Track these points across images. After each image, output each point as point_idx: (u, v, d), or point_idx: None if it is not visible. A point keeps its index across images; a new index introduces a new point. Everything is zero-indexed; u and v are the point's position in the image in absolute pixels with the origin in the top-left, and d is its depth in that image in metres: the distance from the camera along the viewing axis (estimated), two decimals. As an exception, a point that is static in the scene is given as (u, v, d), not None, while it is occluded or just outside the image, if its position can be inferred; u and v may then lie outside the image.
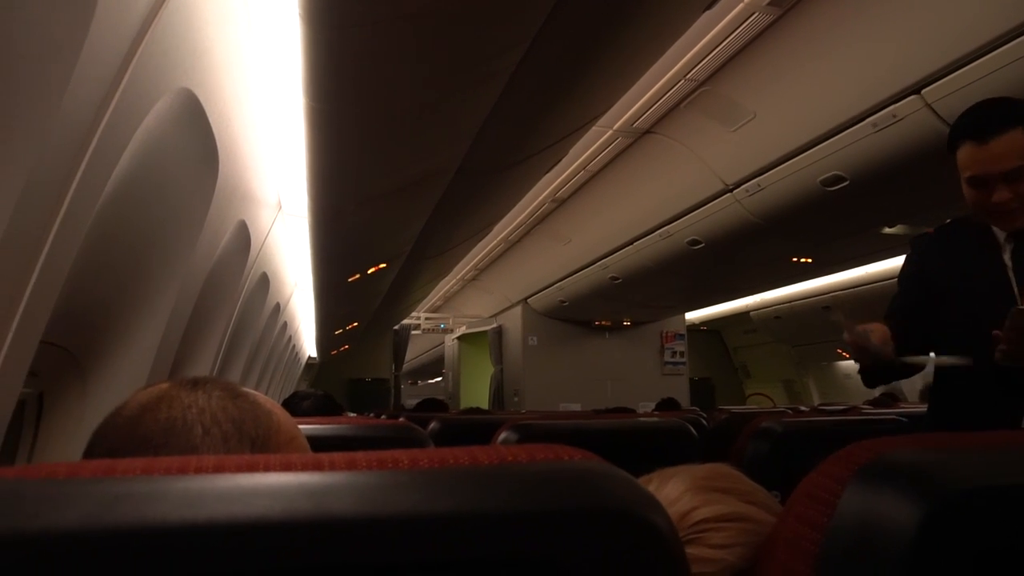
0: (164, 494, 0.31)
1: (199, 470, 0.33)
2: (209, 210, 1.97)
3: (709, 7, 2.25)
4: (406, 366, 10.60)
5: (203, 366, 2.91)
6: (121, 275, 1.81)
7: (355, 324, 7.34)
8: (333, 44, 1.36)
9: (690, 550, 0.63)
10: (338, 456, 0.36)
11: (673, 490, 0.68)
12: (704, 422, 2.90)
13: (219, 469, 0.34)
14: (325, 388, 2.65)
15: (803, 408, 5.05)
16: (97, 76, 1.12)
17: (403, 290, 6.09)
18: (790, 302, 7.75)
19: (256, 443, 0.59)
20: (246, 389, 0.65)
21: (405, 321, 9.29)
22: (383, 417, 3.59)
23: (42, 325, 1.24)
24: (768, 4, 2.80)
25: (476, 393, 9.72)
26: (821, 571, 0.43)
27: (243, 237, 2.63)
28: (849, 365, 8.84)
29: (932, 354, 1.56)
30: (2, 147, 1.00)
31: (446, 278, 7.80)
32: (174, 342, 2.16)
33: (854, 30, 2.80)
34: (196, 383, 0.62)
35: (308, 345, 9.77)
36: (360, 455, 0.36)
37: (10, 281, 1.09)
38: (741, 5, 2.80)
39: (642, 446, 1.66)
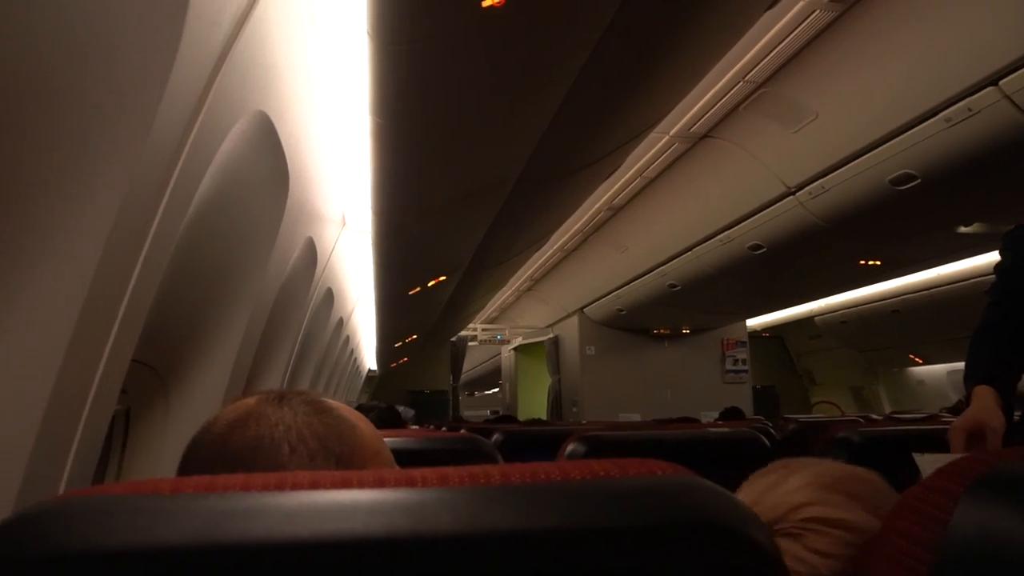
0: (266, 510, 0.32)
1: (295, 486, 0.34)
2: (280, 228, 2.04)
3: (771, 6, 2.21)
4: (463, 377, 10.67)
5: (274, 380, 3.00)
6: (200, 294, 1.89)
7: (414, 337, 7.44)
8: (400, 60, 1.40)
9: (786, 544, 0.61)
10: (429, 472, 0.36)
11: (798, 480, 0.66)
12: (772, 432, 2.82)
13: (314, 485, 0.34)
14: (385, 400, 2.69)
15: (875, 416, 4.87)
16: (183, 101, 1.17)
17: (461, 302, 6.14)
18: (857, 306, 7.48)
19: (341, 459, 0.59)
20: (331, 402, 0.65)
21: (462, 333, 9.36)
22: (443, 429, 3.62)
23: (133, 345, 1.30)
24: (829, 0, 2.73)
25: (534, 404, 9.71)
26: (936, 594, 0.41)
27: (310, 254, 2.71)
28: (922, 371, 8.48)
29: None
30: (98, 176, 1.06)
31: (502, 289, 7.84)
32: (249, 357, 2.23)
33: (922, 22, 2.71)
34: (282, 398, 0.63)
35: (368, 358, 9.94)
36: (451, 470, 0.37)
37: (106, 304, 1.15)
38: (802, 3, 2.74)
39: (712, 457, 1.62)
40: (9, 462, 1.03)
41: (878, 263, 4.90)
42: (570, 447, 1.53)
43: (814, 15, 2.83)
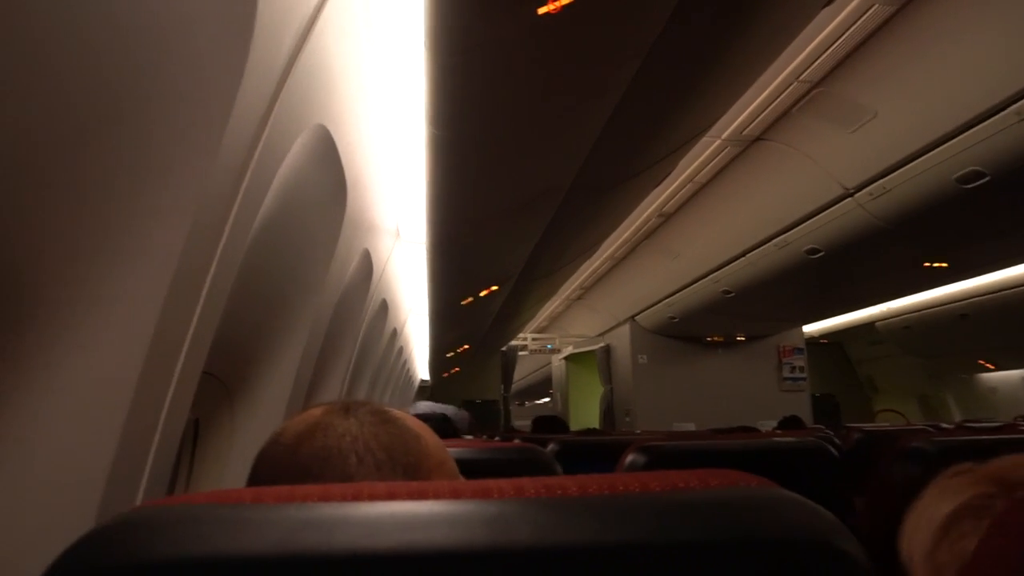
0: (346, 521, 0.32)
1: (372, 497, 0.34)
2: (338, 241, 2.08)
3: (828, 3, 2.16)
4: (514, 387, 10.67)
5: (333, 390, 3.05)
6: (263, 306, 1.94)
7: (466, 346, 7.48)
8: (456, 69, 1.41)
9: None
10: (504, 483, 0.36)
11: None
12: (836, 441, 2.72)
13: (391, 496, 0.35)
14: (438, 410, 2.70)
15: (945, 426, 4.67)
16: (249, 116, 1.20)
17: (512, 311, 6.15)
18: (921, 310, 7.21)
19: (408, 470, 0.60)
20: (395, 412, 0.66)
21: (513, 342, 9.37)
22: (496, 439, 3.62)
23: (204, 357, 1.34)
24: (889, -5, 2.66)
25: (585, 413, 9.64)
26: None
27: (366, 266, 2.75)
28: (994, 377, 8.11)
29: None
30: (173, 191, 1.09)
31: (552, 298, 7.82)
32: (310, 368, 2.27)
33: (988, 13, 2.60)
34: (348, 408, 0.64)
35: (420, 368, 10.03)
36: (527, 481, 0.36)
37: (180, 317, 1.19)
38: None
39: (777, 468, 1.57)
40: (92, 471, 1.06)
41: (944, 265, 4.72)
42: (629, 457, 1.51)
43: (872, 10, 2.76)
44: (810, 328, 8.67)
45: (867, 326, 8.34)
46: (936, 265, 4.71)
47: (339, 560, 0.31)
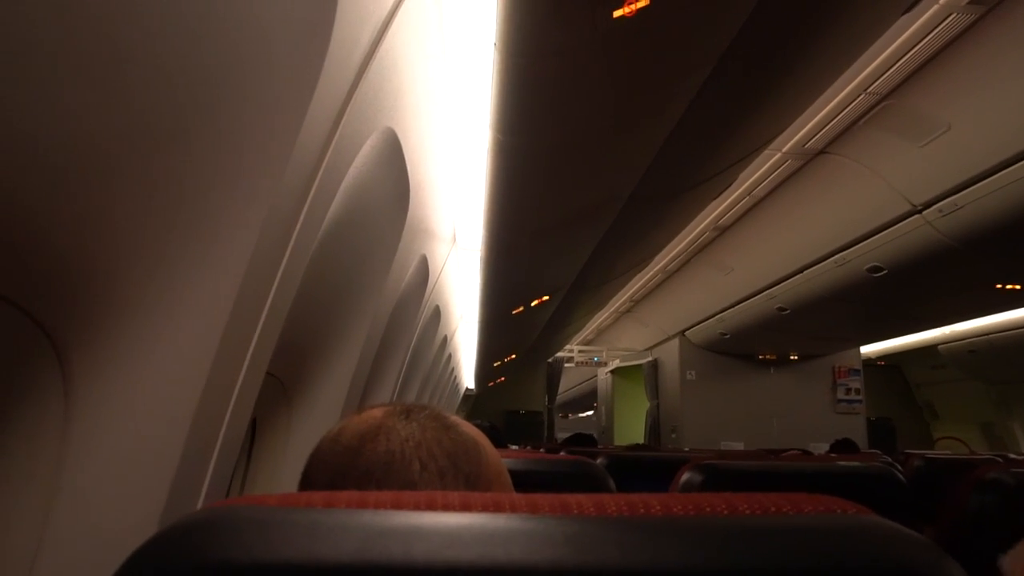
0: (422, 532, 0.31)
1: (446, 507, 0.34)
2: (399, 245, 2.09)
3: (908, 10, 2.09)
4: (558, 399, 10.62)
5: (385, 394, 3.07)
6: (325, 308, 1.96)
7: (513, 356, 7.48)
8: (526, 72, 1.40)
9: None
10: (584, 498, 0.35)
11: None
12: (899, 468, 2.61)
13: (466, 507, 0.34)
14: (483, 420, 2.70)
15: (1014, 456, 4.45)
16: (322, 118, 1.21)
17: (561, 322, 6.13)
18: (989, 334, 6.91)
19: (470, 479, 0.59)
20: (454, 417, 0.65)
21: (559, 354, 9.33)
22: (541, 450, 3.59)
23: (268, 357, 1.35)
24: (968, 3, 2.56)
25: (630, 428, 9.53)
26: None
27: (423, 271, 2.77)
28: (1065, 406, 7.71)
29: None
30: (242, 195, 1.11)
31: (601, 309, 7.77)
32: (366, 371, 2.29)
33: (1075, 25, 2.49)
34: (409, 412, 0.63)
35: (466, 376, 10.06)
36: (607, 498, 0.35)
37: (248, 317, 1.20)
38: (936, 7, 2.58)
39: (840, 492, 1.51)
40: (159, 465, 1.08)
41: (1018, 287, 4.51)
42: (686, 475, 1.47)
43: (950, 19, 2.66)
44: (867, 349, 8.41)
45: (928, 349, 8.03)
46: (1009, 287, 4.51)
47: (417, 571, 0.30)
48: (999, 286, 4.53)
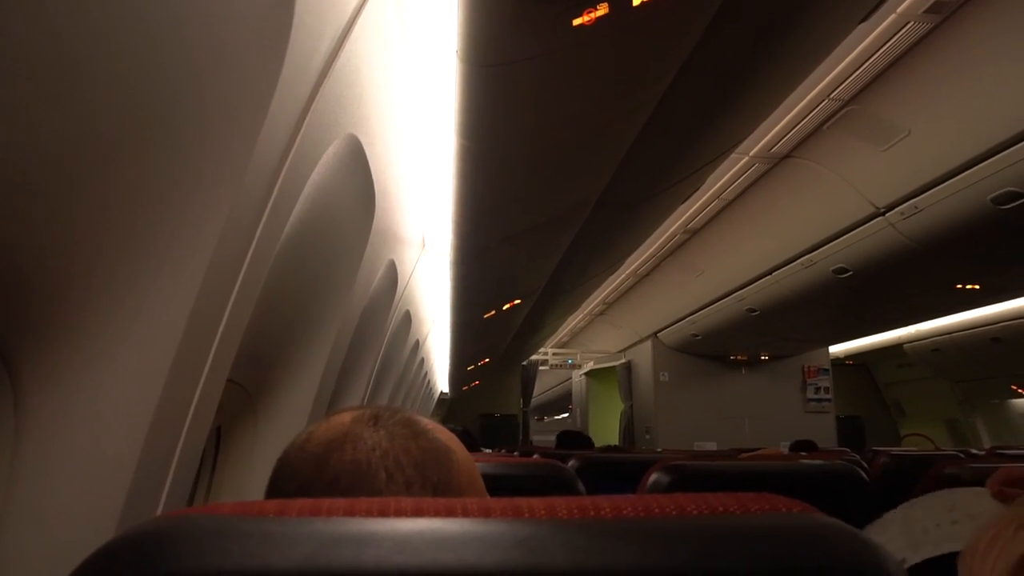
0: (373, 538, 0.31)
1: (399, 513, 0.34)
2: (365, 251, 2.08)
3: (865, 19, 2.14)
4: (533, 402, 10.64)
5: (354, 401, 3.05)
6: (288, 314, 1.94)
7: (486, 360, 7.47)
8: (488, 80, 1.41)
9: None
10: (537, 502, 0.35)
11: None
12: (864, 465, 2.66)
13: (418, 513, 0.34)
14: (456, 424, 2.69)
15: (975, 452, 4.55)
16: (282, 124, 1.21)
17: (534, 326, 6.14)
18: (952, 333, 7.07)
19: (438, 488, 0.58)
20: (426, 422, 0.63)
21: (533, 357, 9.35)
22: (515, 454, 3.59)
23: (229, 364, 1.34)
24: (925, 12, 2.62)
25: (605, 429, 9.57)
26: None
27: (392, 276, 2.75)
28: (1026, 403, 7.92)
29: None
30: (201, 197, 1.10)
31: (574, 313, 7.80)
32: (333, 378, 2.27)
33: (1027, 32, 2.56)
34: (378, 418, 0.61)
35: (441, 381, 10.03)
36: (560, 501, 0.35)
37: (206, 323, 1.19)
38: (893, 16, 2.64)
39: (805, 490, 1.53)
40: (115, 477, 1.06)
41: (977, 287, 4.62)
42: (654, 476, 1.48)
43: (907, 27, 2.72)
44: (836, 349, 8.54)
45: (895, 348, 8.20)
46: (968, 287, 4.62)
47: None
48: (959, 286, 4.64)
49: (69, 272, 0.97)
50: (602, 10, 1.20)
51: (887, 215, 3.83)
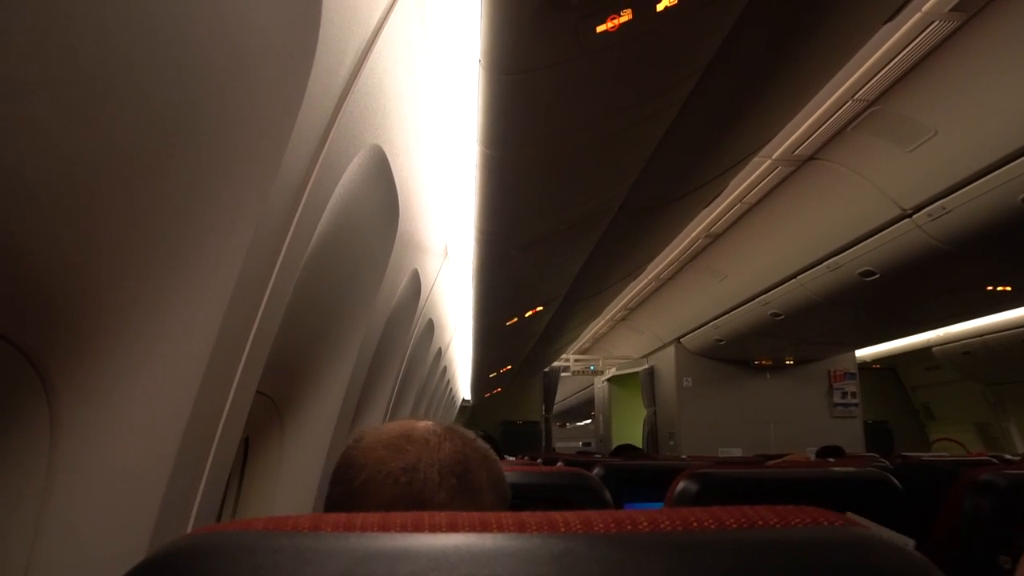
0: (407, 554, 0.31)
1: (433, 528, 0.34)
2: (389, 260, 2.09)
3: (889, 19, 2.11)
4: (555, 408, 10.61)
5: (378, 410, 3.06)
6: (315, 325, 1.95)
7: (508, 367, 7.46)
8: (512, 88, 1.41)
9: None
10: (571, 516, 0.35)
11: None
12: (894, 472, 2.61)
13: (453, 528, 0.34)
14: (479, 430, 2.68)
15: (1009, 457, 4.45)
16: (309, 136, 1.22)
17: (556, 332, 6.12)
18: (983, 335, 6.93)
19: (480, 495, 0.64)
20: (464, 432, 0.68)
21: (555, 363, 9.32)
22: (538, 461, 3.57)
23: (258, 376, 1.35)
24: (950, 11, 2.58)
25: (628, 435, 9.52)
26: None
27: (415, 285, 2.77)
28: (1061, 406, 7.73)
29: None
30: (230, 210, 1.10)
31: (596, 319, 7.77)
32: (358, 388, 2.28)
33: (1057, 29, 2.51)
34: (431, 428, 0.67)
35: (463, 388, 10.04)
36: (595, 515, 0.35)
37: (236, 336, 1.20)
38: (918, 15, 2.60)
39: (836, 499, 1.50)
40: (148, 490, 1.07)
41: (1009, 289, 4.53)
42: (681, 485, 1.46)
43: (932, 27, 2.68)
44: (863, 353, 8.42)
45: (923, 351, 8.05)
46: (1000, 288, 4.53)
47: None
48: (990, 288, 4.55)
49: (100, 288, 0.98)
50: (626, 16, 1.19)
51: (914, 217, 3.78)
